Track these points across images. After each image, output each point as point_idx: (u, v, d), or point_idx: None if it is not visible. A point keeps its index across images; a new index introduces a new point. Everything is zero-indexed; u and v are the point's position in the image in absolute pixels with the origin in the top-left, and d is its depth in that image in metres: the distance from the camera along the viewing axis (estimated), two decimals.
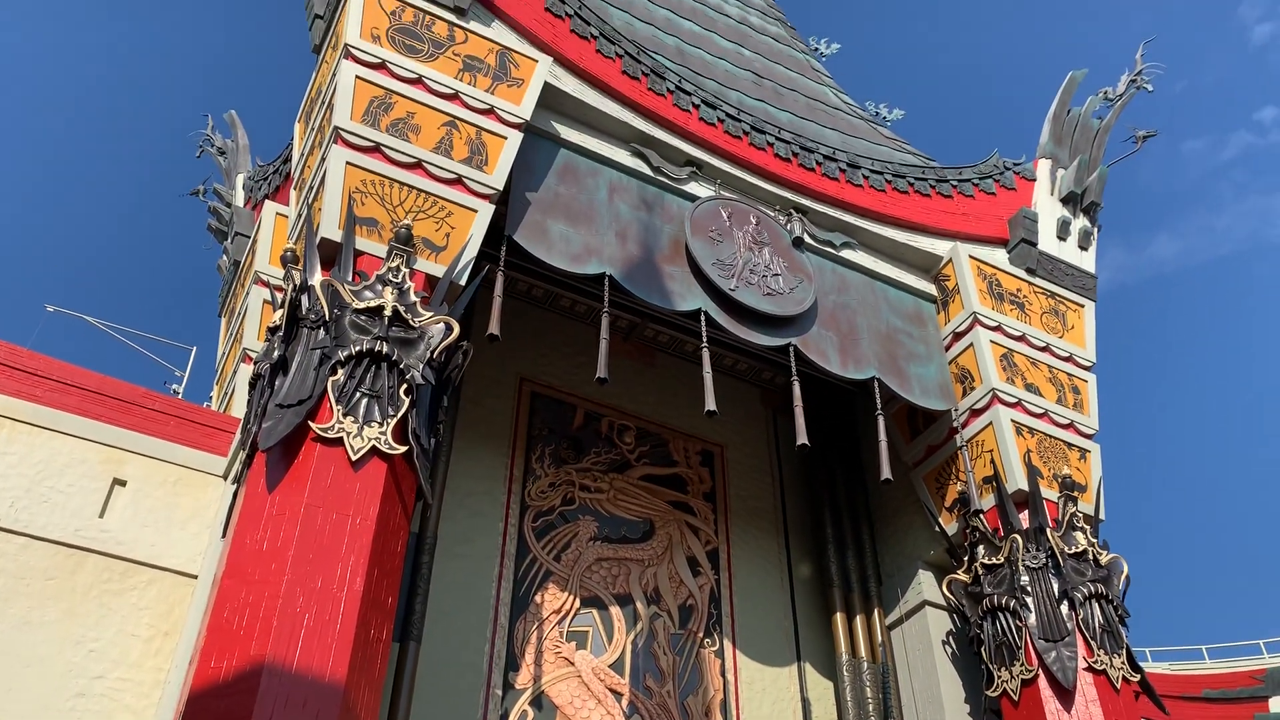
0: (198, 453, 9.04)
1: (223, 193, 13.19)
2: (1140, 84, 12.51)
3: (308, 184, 8.99)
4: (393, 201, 8.47)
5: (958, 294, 11.32)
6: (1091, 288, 12.02)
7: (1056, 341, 11.42)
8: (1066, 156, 12.47)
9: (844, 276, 11.13)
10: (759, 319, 10.03)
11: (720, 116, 11.00)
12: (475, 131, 9.11)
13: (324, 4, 9.73)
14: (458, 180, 8.82)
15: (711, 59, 12.90)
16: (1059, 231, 12.09)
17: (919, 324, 11.36)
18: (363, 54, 8.82)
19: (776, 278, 10.32)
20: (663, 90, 10.71)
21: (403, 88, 8.92)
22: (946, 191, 11.89)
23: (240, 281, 11.99)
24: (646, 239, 9.99)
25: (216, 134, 13.85)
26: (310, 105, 9.79)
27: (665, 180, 10.53)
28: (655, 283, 9.72)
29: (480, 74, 9.37)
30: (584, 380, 11.64)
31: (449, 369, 8.10)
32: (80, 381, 8.86)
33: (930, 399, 10.79)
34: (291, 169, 10.11)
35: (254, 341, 10.53)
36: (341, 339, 7.58)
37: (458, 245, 8.55)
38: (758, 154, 11.08)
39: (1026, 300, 11.55)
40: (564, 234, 9.51)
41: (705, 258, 10.00)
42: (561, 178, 9.94)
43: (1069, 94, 12.73)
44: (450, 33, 9.41)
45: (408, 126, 8.79)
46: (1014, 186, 12.28)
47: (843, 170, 11.44)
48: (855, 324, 10.74)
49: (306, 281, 7.82)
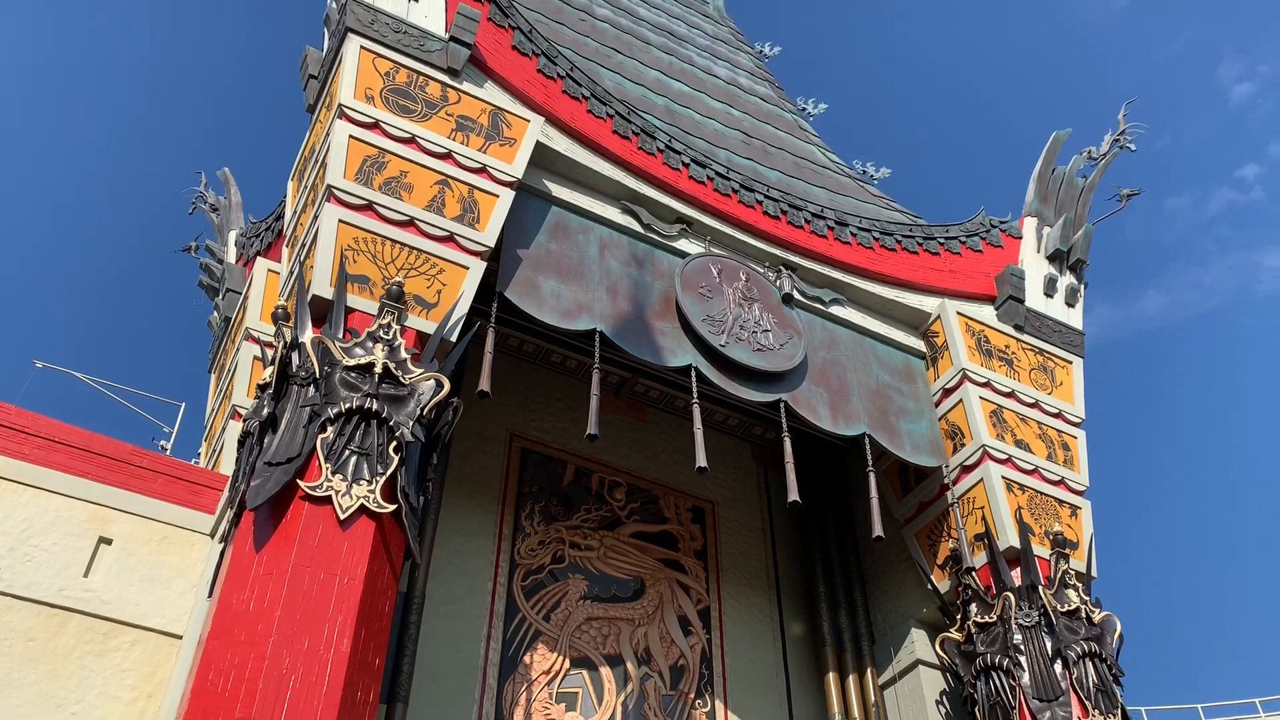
0: (185, 510, 8.96)
1: (215, 249, 13.24)
2: (1123, 144, 12.70)
3: (300, 241, 9.03)
4: (385, 259, 8.51)
5: (946, 350, 11.37)
6: (1079, 344, 12.09)
7: (1045, 398, 11.46)
8: (1052, 214, 12.61)
9: (833, 332, 11.18)
10: (749, 375, 10.05)
11: (710, 175, 11.12)
12: (467, 189, 9.19)
13: (319, 65, 9.85)
14: (450, 238, 8.87)
15: (701, 118, 13.07)
16: (1046, 289, 12.19)
17: (909, 380, 11.40)
18: (357, 114, 8.91)
19: (766, 334, 10.36)
20: (653, 149, 10.83)
21: (396, 147, 9.00)
22: (934, 249, 12.00)
23: (231, 338, 11.98)
24: (637, 295, 10.04)
25: (210, 191, 13.95)
26: (304, 164, 9.86)
27: (656, 237, 10.61)
28: (646, 338, 9.75)
29: (473, 133, 9.48)
30: (574, 436, 11.61)
31: (439, 426, 8.07)
32: (67, 438, 8.80)
33: (921, 455, 10.78)
34: (284, 226, 10.16)
35: (243, 398, 10.50)
36: (331, 396, 7.56)
37: (449, 302, 8.57)
38: (747, 211, 11.18)
39: (1015, 357, 11.61)
40: (555, 290, 9.55)
41: (695, 314, 10.04)
42: (553, 234, 10.01)
43: (1053, 153, 12.91)
44: (444, 93, 9.53)
45: (400, 185, 8.86)
46: (1001, 244, 12.40)
47: (831, 227, 11.55)
48: (845, 380, 10.77)
49: (297, 339, 7.82)
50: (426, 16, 9.71)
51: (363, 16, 9.29)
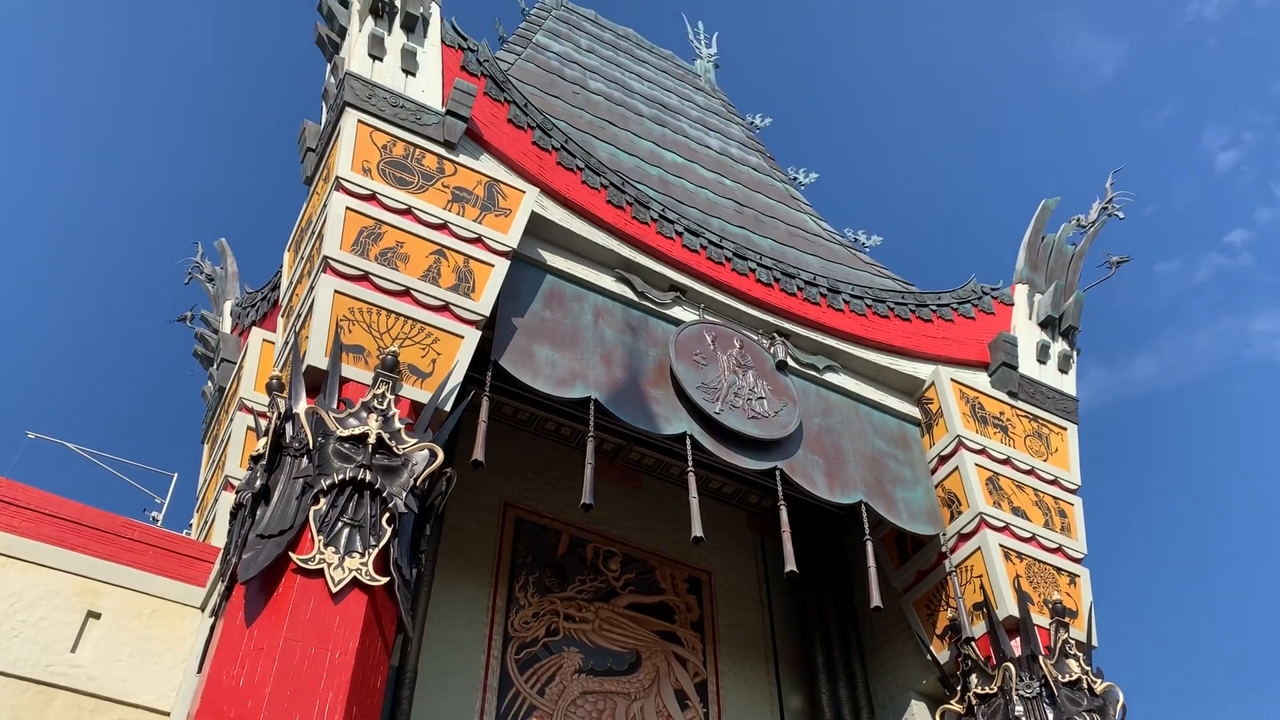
0: (175, 583, 8.85)
1: (210, 319, 13.26)
2: (1111, 211, 12.86)
3: (295, 311, 9.05)
4: (380, 328, 8.53)
5: (941, 417, 11.37)
6: (1073, 410, 12.10)
7: (1041, 464, 11.44)
8: (1043, 281, 12.71)
9: (828, 399, 11.19)
10: (744, 442, 10.02)
11: (703, 243, 11.22)
12: (463, 260, 9.25)
13: (316, 138, 9.98)
14: (445, 307, 8.91)
15: (694, 188, 13.22)
16: (1039, 355, 12.24)
17: (904, 447, 11.38)
18: (354, 186, 9.00)
19: (761, 401, 10.36)
20: (646, 218, 10.94)
21: (392, 218, 9.08)
22: (926, 316, 12.07)
23: (224, 408, 11.95)
24: (631, 363, 10.06)
25: (206, 261, 14.01)
26: (300, 234, 9.94)
27: (650, 305, 10.66)
28: (640, 406, 9.74)
29: (469, 204, 9.57)
30: (569, 505, 11.54)
31: (432, 496, 8.02)
32: (58, 510, 8.73)
33: (918, 524, 10.72)
34: (280, 296, 10.20)
35: (236, 469, 10.44)
36: (325, 467, 7.52)
37: (443, 371, 8.57)
38: (740, 279, 11.26)
39: (1010, 423, 11.61)
40: (549, 358, 9.56)
41: (690, 381, 10.05)
42: (547, 303, 10.06)
43: (1043, 221, 13.06)
44: (440, 165, 9.64)
45: (396, 255, 8.92)
46: (993, 311, 12.48)
47: (824, 295, 11.62)
48: (841, 447, 10.75)
49: (291, 409, 7.80)
50: (424, 91, 9.86)
51: (361, 91, 9.44)
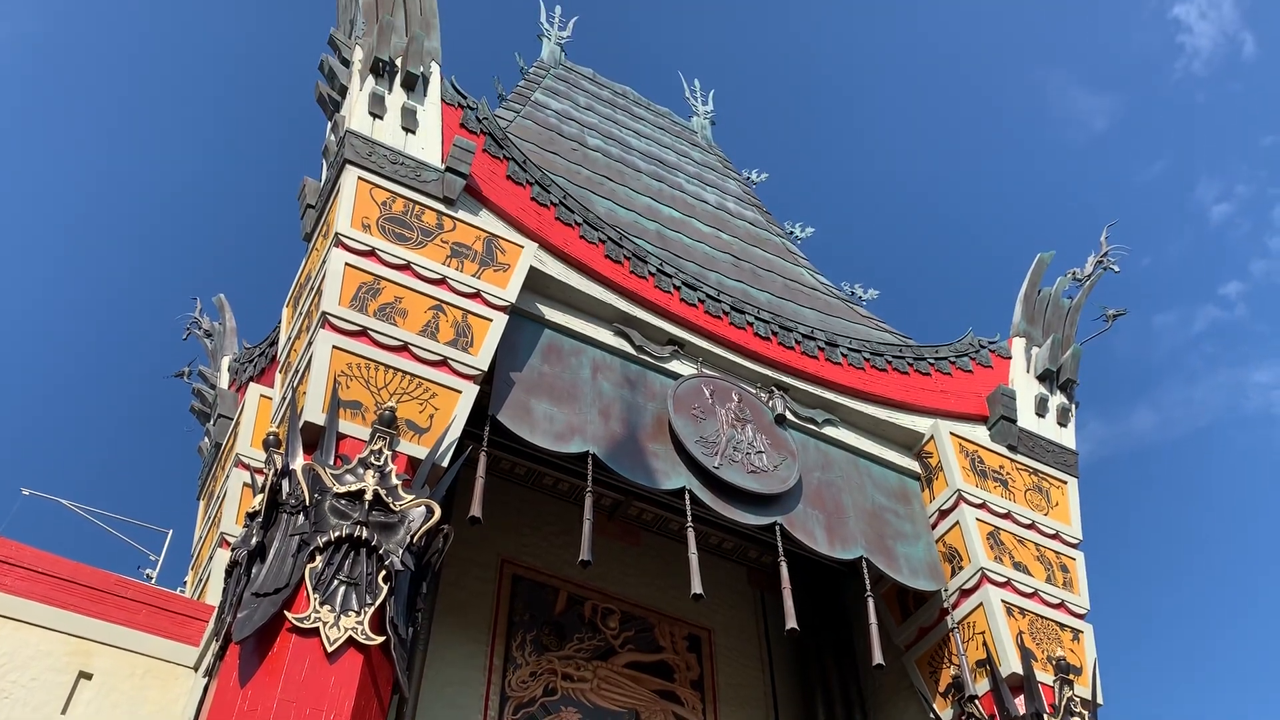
0: (169, 642, 8.74)
1: (208, 375, 13.24)
2: (1107, 265, 12.94)
3: (293, 367, 9.05)
4: (377, 384, 8.51)
5: (941, 471, 11.32)
6: (1073, 464, 12.05)
7: (1042, 519, 11.37)
8: (1040, 335, 12.74)
9: (827, 453, 11.15)
10: (744, 497, 9.96)
11: (701, 297, 11.25)
12: (461, 314, 9.26)
13: (316, 195, 10.05)
14: (443, 362, 8.90)
15: (691, 242, 13.30)
16: (1038, 408, 12.22)
17: (904, 501, 11.31)
18: (353, 242, 9.04)
19: (760, 455, 10.32)
20: (644, 273, 10.98)
21: (391, 273, 9.11)
22: (925, 369, 12.07)
23: (221, 464, 11.89)
24: (630, 417, 10.03)
25: (205, 316, 14.04)
26: (299, 290, 9.96)
27: (648, 359, 10.66)
28: (639, 461, 9.69)
29: (467, 259, 9.61)
30: (567, 561, 11.43)
31: (429, 553, 7.94)
32: (51, 569, 8.64)
33: (919, 579, 10.62)
34: (278, 352, 10.19)
35: (232, 525, 10.36)
36: (321, 524, 7.46)
37: (441, 426, 8.54)
38: (738, 333, 11.27)
39: (1010, 477, 11.56)
40: (547, 413, 9.54)
41: (689, 435, 10.01)
42: (545, 357, 10.06)
43: (1039, 274, 13.12)
44: (439, 221, 9.69)
45: (395, 310, 8.93)
46: (990, 364, 12.49)
47: (821, 348, 11.63)
48: (841, 502, 10.68)
49: (288, 466, 7.76)
50: (424, 148, 9.95)
51: (361, 149, 9.52)
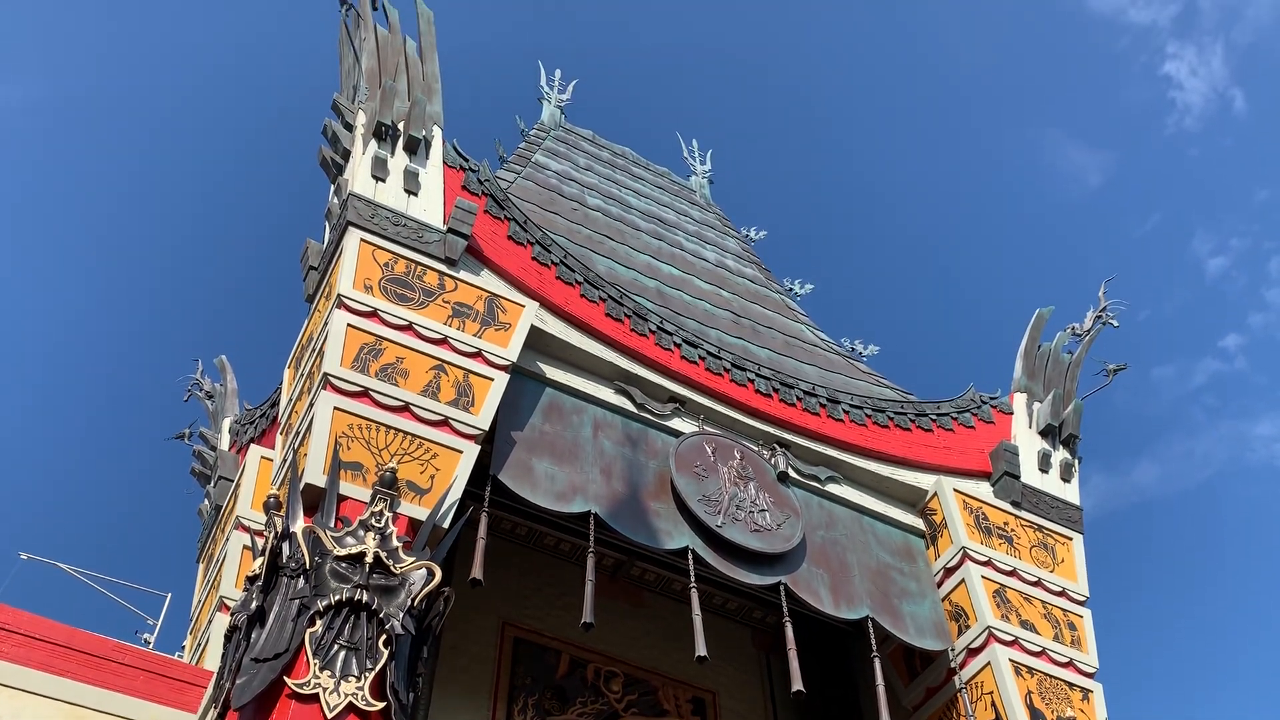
0: (166, 709, 8.61)
1: (209, 436, 13.21)
2: (1106, 320, 12.97)
3: (294, 429, 9.03)
4: (378, 445, 8.49)
5: (945, 529, 11.25)
6: (1078, 520, 11.97)
7: (1048, 576, 11.26)
8: (1041, 390, 12.73)
9: (831, 511, 11.08)
10: (748, 557, 9.88)
11: (701, 354, 11.27)
12: (463, 374, 9.27)
13: (319, 257, 10.11)
14: (444, 422, 8.89)
15: (691, 300, 13.35)
16: (1040, 464, 12.17)
17: (909, 560, 11.22)
18: (355, 303, 9.08)
19: (764, 513, 10.25)
20: (645, 330, 11.01)
21: (393, 334, 9.13)
22: (927, 425, 12.05)
23: (221, 526, 11.82)
24: (631, 475, 9.99)
25: (206, 378, 14.04)
26: (301, 351, 9.98)
27: (649, 416, 10.64)
28: (641, 520, 9.63)
29: (469, 319, 9.64)
30: (569, 624, 11.28)
31: (430, 617, 7.87)
32: (48, 634, 8.54)
33: (925, 639, 10.49)
34: (279, 413, 10.18)
35: (231, 589, 10.26)
36: (321, 588, 7.40)
37: (442, 487, 8.51)
38: (739, 390, 11.27)
39: (1015, 534, 11.48)
40: (549, 472, 9.50)
41: (691, 494, 9.96)
42: (546, 416, 10.04)
43: (1038, 330, 13.15)
44: (441, 281, 9.74)
45: (396, 371, 8.94)
46: (992, 420, 12.47)
47: (823, 405, 11.62)
48: (845, 561, 10.59)
49: (288, 528, 7.72)
50: (425, 210, 10.04)
51: (364, 211, 9.60)
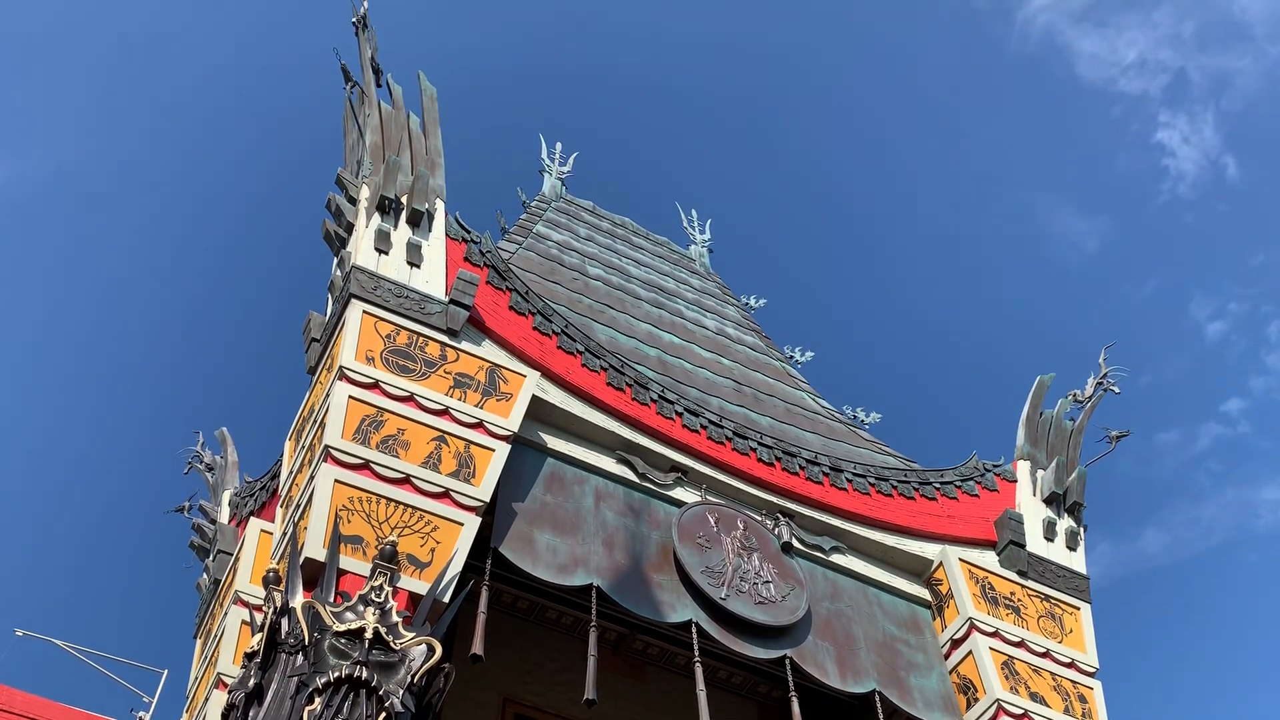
0: None
1: (208, 509, 13.11)
2: (1107, 386, 12.97)
3: (295, 502, 8.98)
4: (379, 518, 8.44)
5: (952, 599, 11.11)
6: (1085, 589, 11.83)
7: (1056, 647, 11.09)
8: (1044, 457, 12.68)
9: (835, 582, 10.96)
10: (752, 629, 9.75)
11: (703, 423, 11.24)
12: (464, 445, 9.24)
13: (321, 329, 10.15)
14: (445, 494, 8.85)
15: (692, 368, 13.37)
16: (1046, 532, 12.07)
17: (915, 631, 11.06)
18: (357, 375, 9.09)
19: (768, 585, 10.14)
20: (646, 399, 11.00)
21: (394, 405, 9.13)
22: (930, 494, 11.97)
23: (219, 601, 11.68)
24: (634, 547, 9.90)
25: (206, 450, 13.98)
26: (302, 424, 9.96)
27: (651, 486, 10.58)
28: (644, 593, 9.53)
29: (470, 389, 9.64)
30: (571, 699, 11.09)
31: (430, 693, 7.75)
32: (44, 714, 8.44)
33: (934, 712, 10.30)
34: (279, 485, 10.13)
35: (229, 665, 10.10)
36: (320, 664, 7.29)
37: (442, 560, 8.43)
38: (741, 459, 11.22)
39: (1022, 604, 11.33)
40: (550, 544, 9.42)
41: (694, 565, 9.86)
42: (548, 486, 9.99)
43: (1039, 397, 13.13)
44: (442, 352, 9.76)
45: (398, 443, 8.92)
46: (996, 488, 12.39)
47: (826, 474, 11.56)
48: (851, 632, 10.45)
49: (288, 603, 7.64)
50: (428, 282, 10.10)
51: (366, 284, 9.66)
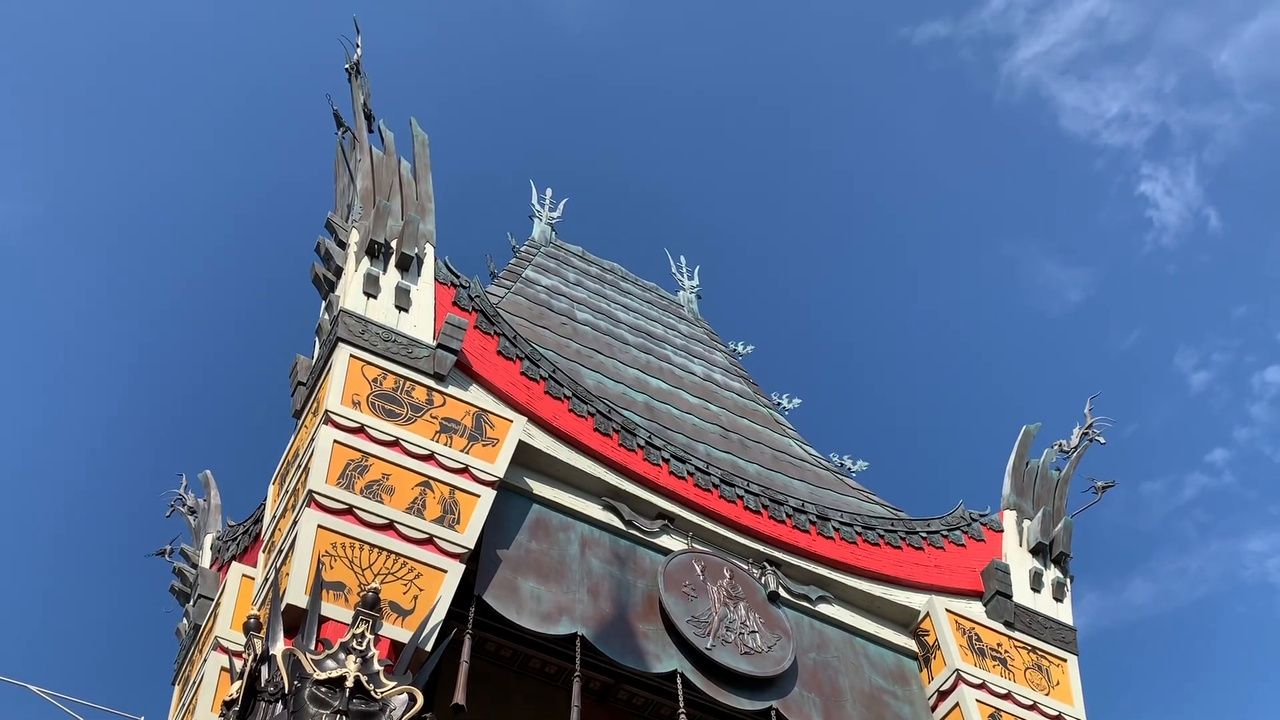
0: None
1: (190, 553, 12.97)
2: (1092, 436, 13.02)
3: (277, 547, 8.89)
4: (362, 564, 8.36)
5: (939, 650, 11.04)
6: (1072, 640, 11.77)
7: (1043, 699, 11.02)
8: (1030, 507, 12.68)
9: (822, 633, 10.89)
10: (738, 680, 9.67)
11: (690, 470, 11.21)
12: (449, 490, 9.19)
13: (308, 372, 10.11)
14: (429, 540, 8.78)
15: (680, 414, 13.36)
16: (1032, 583, 12.03)
17: (902, 683, 10.98)
18: (343, 419, 9.05)
19: (754, 635, 10.06)
20: (633, 445, 10.97)
21: (380, 450, 9.08)
22: (917, 543, 11.94)
23: (199, 647, 11.51)
24: (619, 595, 9.83)
25: (189, 493, 13.87)
26: (286, 468, 9.90)
27: (637, 533, 10.52)
28: (629, 642, 9.44)
29: (456, 434, 9.60)
30: None
31: None
32: None
33: None
34: (262, 530, 10.04)
35: (208, 713, 9.94)
36: (300, 713, 7.19)
37: (425, 608, 8.35)
38: (728, 506, 11.18)
39: (1008, 656, 11.27)
40: (535, 592, 9.34)
41: (680, 615, 9.79)
42: (533, 533, 9.93)
43: (1025, 446, 13.16)
44: (429, 396, 9.74)
45: (382, 488, 8.86)
46: (982, 538, 12.37)
47: (813, 522, 11.52)
48: (838, 684, 10.36)
49: (268, 650, 7.55)
50: (415, 326, 10.10)
51: (354, 327, 9.66)
